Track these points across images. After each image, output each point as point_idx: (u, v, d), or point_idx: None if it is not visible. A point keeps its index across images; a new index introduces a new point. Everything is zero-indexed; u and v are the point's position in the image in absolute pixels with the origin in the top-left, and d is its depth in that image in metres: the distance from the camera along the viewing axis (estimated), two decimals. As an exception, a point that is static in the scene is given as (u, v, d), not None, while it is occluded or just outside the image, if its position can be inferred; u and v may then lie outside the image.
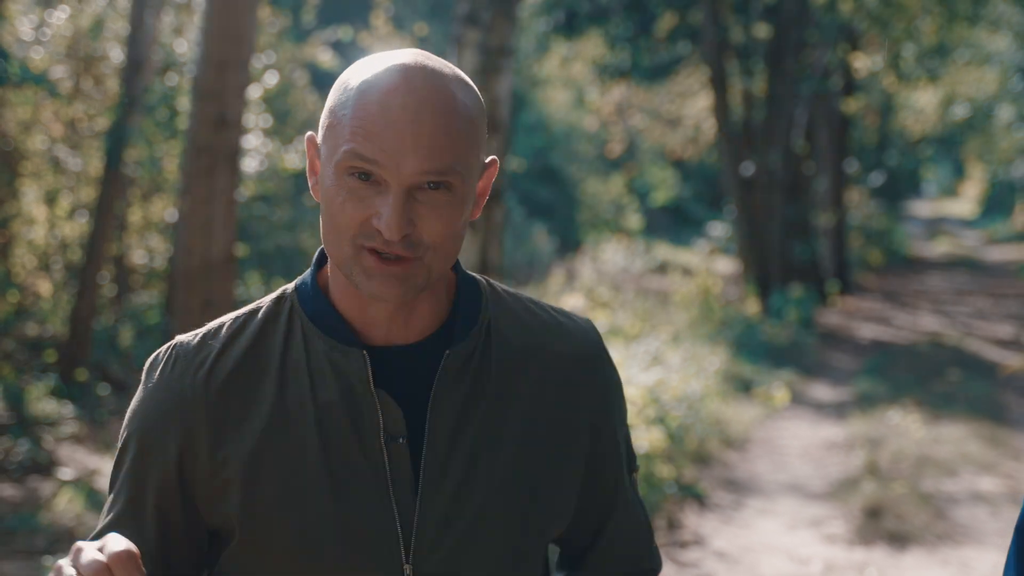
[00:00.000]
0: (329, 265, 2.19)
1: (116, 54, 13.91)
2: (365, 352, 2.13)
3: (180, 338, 2.21)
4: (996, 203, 52.29)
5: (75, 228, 13.65)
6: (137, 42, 12.47)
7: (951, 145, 49.34)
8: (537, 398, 2.23)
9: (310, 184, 2.16)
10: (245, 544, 2.14)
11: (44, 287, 12.58)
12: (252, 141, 16.99)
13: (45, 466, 9.98)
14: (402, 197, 2.01)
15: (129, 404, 2.22)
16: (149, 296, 15.44)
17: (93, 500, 9.00)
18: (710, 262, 25.24)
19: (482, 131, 2.11)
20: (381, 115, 2.01)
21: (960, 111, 39.38)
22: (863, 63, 25.75)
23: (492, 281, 2.31)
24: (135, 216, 15.17)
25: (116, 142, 12.28)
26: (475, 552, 2.16)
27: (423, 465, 2.14)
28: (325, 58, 19.13)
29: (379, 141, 2.00)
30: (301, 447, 2.12)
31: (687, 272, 23.94)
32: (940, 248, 39.71)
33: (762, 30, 23.34)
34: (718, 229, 30.65)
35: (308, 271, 2.23)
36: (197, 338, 2.20)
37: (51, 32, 13.41)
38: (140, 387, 2.21)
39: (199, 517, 2.17)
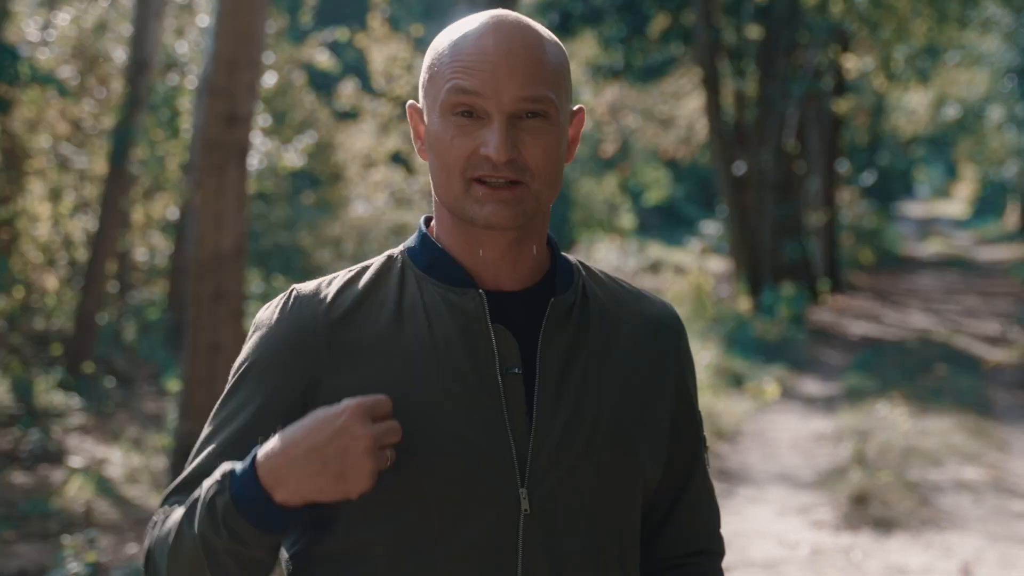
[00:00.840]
0: (436, 219, 2.35)
1: (120, 54, 14.17)
2: (481, 291, 2.27)
3: (296, 286, 2.33)
4: (988, 204, 52.47)
5: (78, 225, 13.88)
6: (142, 43, 12.72)
7: (943, 146, 49.56)
8: (631, 352, 2.37)
9: (416, 148, 2.33)
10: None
11: (50, 282, 12.82)
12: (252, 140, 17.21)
13: (55, 455, 10.25)
14: (505, 123, 2.19)
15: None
16: (150, 292, 15.69)
17: (102, 487, 9.26)
18: (702, 261, 25.47)
19: (569, 75, 2.31)
20: (478, 53, 2.21)
21: (951, 112, 39.61)
22: (854, 64, 25.97)
23: (581, 259, 2.47)
24: (136, 214, 15.41)
25: (122, 141, 12.52)
26: (585, 480, 2.26)
27: (537, 394, 2.25)
28: (322, 58, 19.36)
29: (479, 74, 2.19)
30: (422, 377, 2.22)
31: (680, 271, 24.20)
32: (932, 248, 39.91)
33: (754, 31, 23.56)
34: (710, 228, 30.88)
35: (413, 235, 2.38)
36: (313, 284, 2.32)
37: (57, 33, 13.65)
38: (257, 327, 2.31)
39: None
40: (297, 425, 2.08)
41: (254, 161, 16.85)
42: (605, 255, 25.53)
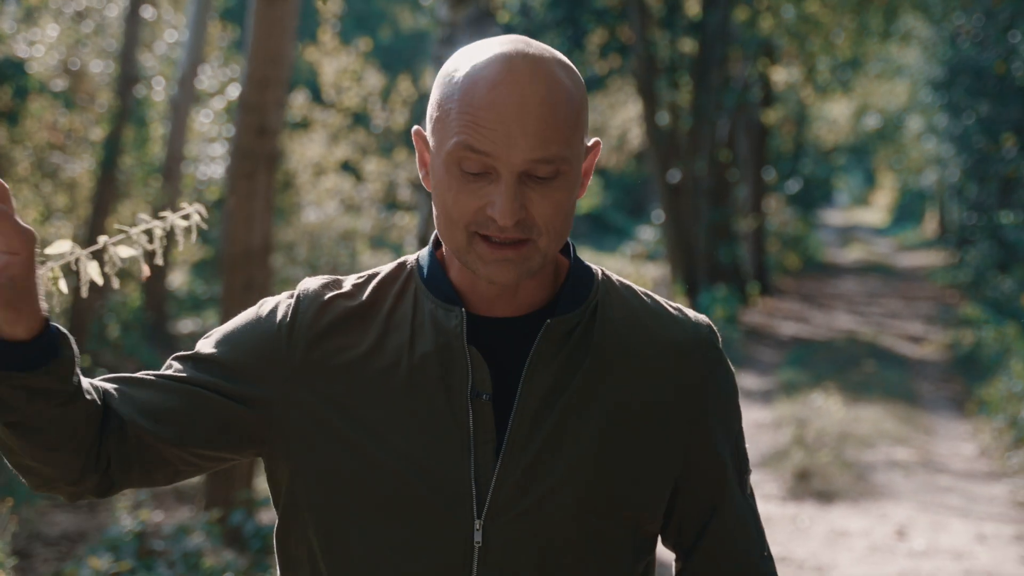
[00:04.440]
0: (444, 247, 2.23)
1: (97, 66, 14.91)
2: (463, 310, 2.16)
3: (306, 280, 2.27)
4: (906, 212, 53.47)
5: (63, 230, 14.60)
6: (130, 58, 13.51)
7: (863, 155, 50.60)
8: (634, 381, 2.20)
9: (420, 175, 2.19)
10: (321, 471, 2.17)
11: (46, 280, 13.53)
12: (218, 149, 18.04)
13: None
14: (514, 184, 2.05)
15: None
16: (122, 295, 16.45)
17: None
18: (637, 266, 26.26)
19: (585, 113, 2.13)
20: (489, 107, 2.04)
21: (872, 122, 40.73)
22: (781, 76, 26.92)
23: (609, 272, 2.31)
24: (109, 219, 16.13)
25: (111, 150, 13.30)
26: (547, 520, 2.14)
27: (511, 425, 2.14)
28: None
29: (489, 133, 2.03)
30: (391, 390, 2.16)
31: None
32: (853, 255, 40.66)
33: (688, 45, 24.43)
34: (647, 234, 31.63)
35: (426, 248, 2.27)
36: (319, 283, 2.25)
37: (44, 48, 14.38)
38: (257, 307, 2.27)
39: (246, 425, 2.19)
40: None
41: (216, 169, 17.68)
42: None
